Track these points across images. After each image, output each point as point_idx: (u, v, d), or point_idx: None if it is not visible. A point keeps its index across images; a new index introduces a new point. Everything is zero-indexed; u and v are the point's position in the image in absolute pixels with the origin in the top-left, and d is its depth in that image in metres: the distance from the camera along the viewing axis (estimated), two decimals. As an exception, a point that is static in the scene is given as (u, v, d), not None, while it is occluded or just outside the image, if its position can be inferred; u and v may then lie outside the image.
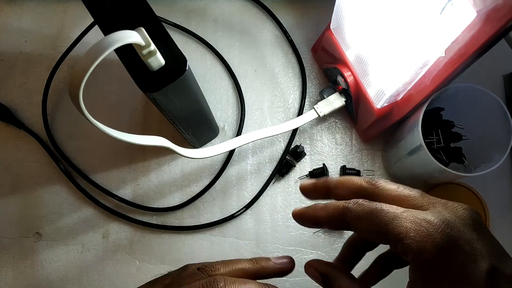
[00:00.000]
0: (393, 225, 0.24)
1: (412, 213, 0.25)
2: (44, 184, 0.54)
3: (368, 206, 0.26)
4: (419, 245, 0.23)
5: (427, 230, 0.23)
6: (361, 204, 0.26)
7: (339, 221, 0.27)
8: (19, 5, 0.60)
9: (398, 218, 0.24)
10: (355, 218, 0.26)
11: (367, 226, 0.26)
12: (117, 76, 0.57)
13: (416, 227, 0.24)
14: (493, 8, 0.29)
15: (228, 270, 0.31)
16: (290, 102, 0.56)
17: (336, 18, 0.46)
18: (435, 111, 0.49)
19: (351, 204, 0.27)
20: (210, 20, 0.59)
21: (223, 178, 0.54)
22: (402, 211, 0.25)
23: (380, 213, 0.25)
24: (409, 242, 0.23)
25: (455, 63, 0.35)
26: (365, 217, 0.26)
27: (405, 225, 0.24)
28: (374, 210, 0.26)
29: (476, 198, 0.50)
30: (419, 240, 0.23)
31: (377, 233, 0.25)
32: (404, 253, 0.24)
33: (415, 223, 0.24)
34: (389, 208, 0.25)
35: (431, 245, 0.23)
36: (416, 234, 0.23)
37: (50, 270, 0.52)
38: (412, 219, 0.24)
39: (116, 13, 0.35)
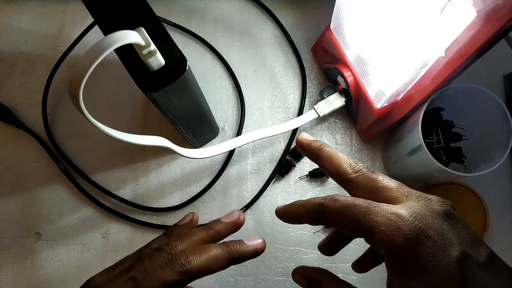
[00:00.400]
0: (365, 220, 0.25)
1: (383, 207, 0.25)
2: (44, 184, 0.54)
3: (343, 201, 0.27)
4: (390, 238, 0.24)
5: (396, 224, 0.24)
6: (336, 199, 0.27)
7: (317, 217, 0.28)
8: (19, 5, 0.60)
9: (370, 212, 0.25)
10: (331, 213, 0.27)
11: (343, 221, 0.26)
12: (117, 76, 0.57)
13: (386, 221, 0.24)
14: (493, 8, 0.29)
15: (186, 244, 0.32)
16: (290, 102, 0.56)
17: (336, 18, 0.46)
18: (435, 111, 0.49)
19: (327, 200, 0.28)
20: (210, 20, 0.59)
21: (223, 178, 0.54)
22: (374, 206, 0.25)
23: (354, 208, 0.26)
24: (380, 236, 0.24)
25: (455, 63, 0.35)
26: (340, 212, 0.26)
27: (375, 219, 0.24)
28: (348, 206, 0.26)
29: (476, 198, 0.50)
30: (389, 234, 0.24)
31: (352, 228, 0.26)
32: (378, 247, 0.25)
33: (385, 217, 0.24)
34: (362, 202, 0.26)
35: (401, 238, 0.23)
36: (386, 228, 0.24)
37: (50, 270, 0.52)
38: (383, 213, 0.25)
39: (116, 13, 0.35)
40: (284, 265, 0.52)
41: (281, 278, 0.51)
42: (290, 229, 0.53)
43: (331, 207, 0.27)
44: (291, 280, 0.51)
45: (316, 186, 0.54)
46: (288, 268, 0.51)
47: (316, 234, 0.52)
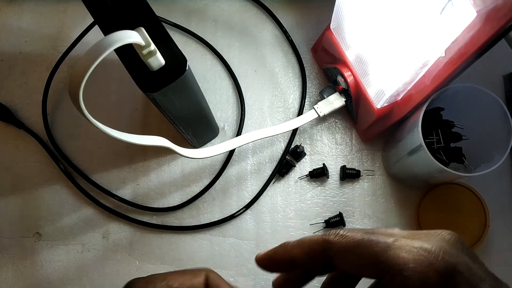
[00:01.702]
0: (387, 256, 0.22)
1: (406, 242, 0.22)
2: (44, 184, 0.54)
3: (353, 237, 0.23)
4: (421, 276, 0.21)
5: (428, 259, 0.21)
6: (345, 235, 0.23)
7: (319, 256, 0.24)
8: (19, 5, 0.60)
9: (392, 248, 0.22)
10: (339, 251, 0.23)
11: (356, 259, 0.23)
12: (117, 76, 0.57)
13: (415, 257, 0.22)
14: (493, 8, 0.29)
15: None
16: (290, 102, 0.56)
17: (336, 18, 0.46)
18: (435, 111, 0.49)
19: (332, 236, 0.24)
20: (210, 20, 0.59)
21: (223, 178, 0.54)
22: (393, 240, 0.22)
23: (370, 243, 0.23)
24: (409, 274, 0.21)
25: (455, 63, 0.35)
26: (352, 249, 0.23)
27: (401, 256, 0.22)
28: (362, 241, 0.23)
29: (476, 198, 0.50)
30: (421, 271, 0.21)
31: (368, 266, 0.22)
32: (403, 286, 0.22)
33: (412, 252, 0.22)
34: (379, 237, 0.23)
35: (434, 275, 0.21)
36: (416, 265, 0.21)
37: (50, 270, 0.52)
38: (408, 249, 0.22)
39: (116, 13, 0.35)
40: (284, 265, 0.52)
41: (281, 278, 0.51)
42: (290, 229, 0.53)
43: (340, 243, 0.23)
44: (291, 280, 0.51)
45: (316, 186, 0.54)
46: (288, 268, 0.51)
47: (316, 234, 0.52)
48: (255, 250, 0.52)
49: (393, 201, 0.53)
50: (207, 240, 0.53)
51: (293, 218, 0.53)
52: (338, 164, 0.54)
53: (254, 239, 0.52)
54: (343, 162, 0.54)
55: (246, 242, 0.52)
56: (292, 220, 0.53)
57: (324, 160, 0.54)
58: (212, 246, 0.52)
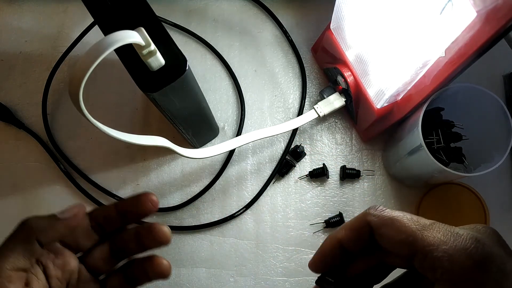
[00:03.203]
0: (422, 235, 0.22)
1: (443, 226, 0.23)
2: (44, 184, 0.54)
3: (392, 212, 0.24)
4: (453, 259, 0.21)
5: (463, 244, 0.22)
6: (385, 210, 0.25)
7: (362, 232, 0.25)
8: (19, 5, 0.60)
9: (428, 228, 0.23)
10: (380, 223, 0.24)
11: (394, 233, 0.24)
12: (117, 76, 0.57)
13: (449, 240, 0.22)
14: (493, 8, 0.29)
15: None
16: (290, 102, 0.56)
17: (336, 18, 0.46)
18: (435, 111, 0.49)
19: (373, 210, 0.25)
20: (210, 20, 0.59)
21: (223, 178, 0.54)
22: (431, 222, 0.23)
23: (409, 221, 0.23)
24: (440, 256, 0.22)
25: (455, 63, 0.35)
26: (392, 223, 0.24)
27: (437, 236, 0.22)
28: (402, 217, 0.24)
29: (476, 198, 0.50)
30: (453, 254, 0.21)
31: (403, 242, 0.23)
32: (432, 268, 0.22)
33: (447, 236, 0.22)
34: (417, 217, 0.24)
35: (467, 260, 0.21)
36: (448, 247, 0.22)
37: (50, 270, 0.52)
38: (444, 232, 0.22)
39: (116, 13, 0.35)
40: (284, 265, 0.52)
41: (281, 278, 0.51)
42: (290, 229, 0.53)
43: (380, 216, 0.24)
44: (291, 280, 0.51)
45: (316, 186, 0.54)
46: (288, 268, 0.51)
47: (316, 234, 0.52)
48: (255, 250, 0.52)
49: (393, 201, 0.53)
50: (207, 240, 0.53)
51: (293, 218, 0.53)
52: (338, 164, 0.54)
53: (254, 239, 0.52)
54: (343, 162, 0.54)
55: (246, 242, 0.52)
56: (292, 220, 0.53)
57: (324, 160, 0.54)
58: (212, 246, 0.52)
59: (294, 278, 0.51)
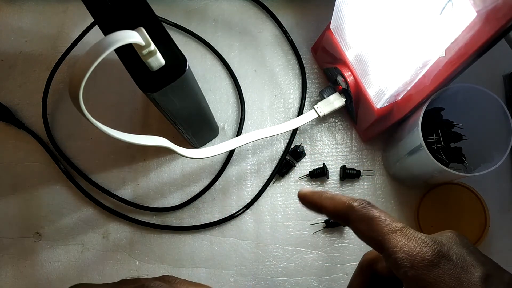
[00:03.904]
0: (389, 237, 0.26)
1: (411, 232, 0.26)
2: (44, 184, 0.54)
3: (371, 212, 0.27)
4: (412, 259, 0.24)
5: (419, 246, 0.25)
6: (366, 207, 0.28)
7: (341, 216, 0.29)
8: (19, 5, 0.60)
9: (396, 232, 0.26)
10: (357, 218, 0.28)
11: (366, 230, 0.27)
12: (117, 76, 0.57)
13: (410, 243, 0.25)
14: (493, 8, 0.29)
15: None
16: (290, 102, 0.56)
17: (336, 18, 0.46)
18: (435, 111, 0.49)
19: (357, 203, 0.28)
20: (210, 20, 0.59)
21: (223, 178, 0.54)
22: (401, 226, 0.26)
23: (382, 222, 0.27)
24: (401, 257, 0.25)
25: (455, 63, 0.35)
26: (366, 220, 0.27)
27: (400, 240, 0.25)
28: (377, 217, 0.27)
29: (476, 198, 0.50)
30: (412, 255, 0.24)
31: (372, 239, 0.27)
32: (396, 267, 0.25)
33: (409, 239, 0.25)
34: (390, 220, 0.27)
35: (422, 259, 0.24)
36: (409, 249, 0.25)
37: (50, 270, 0.52)
38: (409, 237, 0.25)
39: (116, 13, 0.35)
40: (284, 265, 0.52)
41: (281, 278, 0.51)
42: (290, 229, 0.53)
43: (360, 212, 0.27)
44: (291, 280, 0.51)
45: (316, 186, 0.54)
46: (288, 268, 0.51)
47: (316, 234, 0.52)
48: (255, 250, 0.52)
49: (393, 201, 0.53)
50: (207, 240, 0.53)
51: (293, 218, 0.53)
52: (338, 164, 0.54)
53: (254, 239, 0.52)
54: (343, 162, 0.54)
55: (246, 242, 0.52)
56: (292, 220, 0.53)
57: (324, 160, 0.54)
58: (212, 246, 0.52)
59: (294, 278, 0.51)
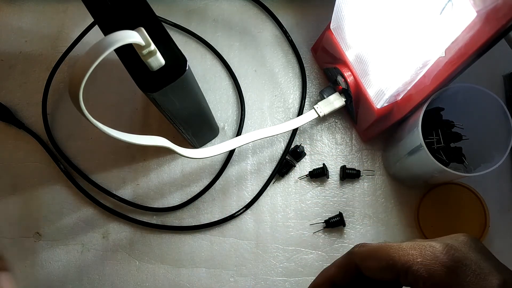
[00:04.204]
0: (399, 256, 0.25)
1: (417, 242, 0.25)
2: (44, 184, 0.54)
3: (372, 245, 0.27)
4: (428, 268, 0.23)
5: (433, 254, 0.24)
6: (365, 244, 0.27)
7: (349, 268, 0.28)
8: (19, 5, 0.60)
9: (403, 249, 0.25)
10: (363, 258, 0.27)
11: (376, 263, 0.26)
12: (117, 76, 0.57)
13: (422, 252, 0.24)
14: (493, 8, 0.29)
15: None
16: (290, 102, 0.56)
17: (336, 18, 0.46)
18: (435, 111, 0.49)
19: (356, 248, 0.28)
20: (210, 20, 0.59)
21: (223, 178, 0.54)
22: (406, 243, 0.26)
23: (385, 247, 0.26)
24: (417, 268, 0.24)
25: (455, 63, 0.35)
26: (371, 254, 0.26)
27: (411, 253, 0.24)
28: (380, 247, 0.26)
29: (476, 198, 0.50)
30: (427, 264, 0.24)
31: (386, 268, 0.25)
32: (415, 281, 0.24)
33: (420, 249, 0.24)
34: (393, 243, 0.26)
35: (439, 267, 0.23)
36: (423, 259, 0.24)
37: (50, 270, 0.52)
38: (417, 247, 0.25)
39: (116, 13, 0.35)
40: (284, 265, 0.52)
41: (281, 278, 0.51)
42: (290, 229, 0.53)
43: (361, 251, 0.27)
44: (291, 280, 0.51)
45: (316, 186, 0.54)
46: (288, 268, 0.51)
47: (316, 234, 0.52)
48: (255, 250, 0.52)
49: (393, 201, 0.53)
50: (207, 240, 0.53)
51: (293, 218, 0.53)
52: (338, 164, 0.54)
53: (254, 239, 0.52)
54: (343, 162, 0.54)
55: (246, 242, 0.52)
56: (292, 220, 0.53)
57: (324, 160, 0.54)
58: (212, 246, 0.52)
59: (294, 278, 0.51)
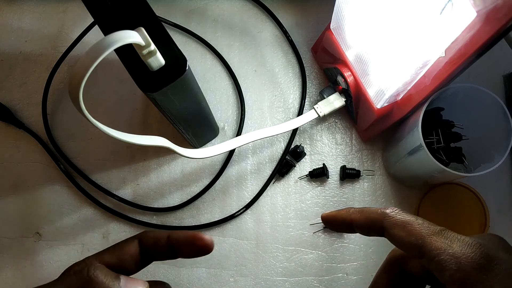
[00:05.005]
0: (431, 240, 0.25)
1: (452, 233, 0.25)
2: (44, 184, 0.54)
3: (407, 217, 0.26)
4: (458, 261, 0.23)
5: (465, 248, 0.24)
6: (400, 212, 0.27)
7: (375, 226, 0.27)
8: (19, 5, 0.60)
9: (436, 234, 0.25)
10: (393, 225, 0.26)
11: (404, 235, 0.26)
12: (117, 76, 0.57)
13: (454, 244, 0.24)
14: (493, 8, 0.29)
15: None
16: (290, 102, 0.56)
17: (336, 18, 0.46)
18: (435, 111, 0.49)
19: (389, 210, 0.27)
20: (210, 20, 0.59)
21: (223, 178, 0.54)
22: (440, 229, 0.25)
23: (420, 225, 0.26)
24: (446, 258, 0.24)
25: (455, 63, 0.35)
26: (403, 225, 0.26)
27: (443, 241, 0.24)
28: (414, 221, 0.26)
29: (476, 198, 0.50)
30: (459, 257, 0.23)
31: (412, 244, 0.25)
32: (440, 270, 0.24)
33: (452, 241, 0.24)
34: (428, 224, 0.26)
35: (470, 262, 0.23)
36: (454, 252, 0.24)
37: (50, 270, 0.52)
38: (451, 238, 0.25)
39: (116, 13, 0.35)
40: (284, 265, 0.52)
41: (281, 278, 0.51)
42: (290, 229, 0.53)
43: (394, 218, 0.26)
44: (291, 280, 0.51)
45: (316, 186, 0.54)
46: (288, 268, 0.51)
47: (316, 234, 0.52)
48: (255, 250, 0.52)
49: (393, 201, 0.53)
50: (207, 240, 0.53)
51: (293, 218, 0.53)
52: (338, 164, 0.54)
53: (254, 239, 0.52)
54: (343, 162, 0.54)
55: (246, 242, 0.52)
56: (292, 220, 0.53)
57: (324, 160, 0.54)
58: (212, 246, 0.52)
59: (294, 278, 0.51)
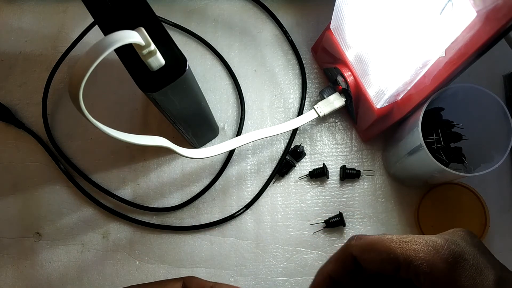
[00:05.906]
0: (401, 249, 0.25)
1: (418, 237, 0.25)
2: (44, 184, 0.54)
3: (371, 237, 0.26)
4: (430, 263, 0.24)
5: (435, 249, 0.24)
6: (362, 236, 0.27)
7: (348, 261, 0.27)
8: (19, 5, 0.60)
9: (405, 242, 0.25)
10: (361, 251, 0.27)
11: (376, 255, 0.26)
12: (117, 76, 0.57)
13: (424, 247, 0.24)
14: (493, 8, 0.29)
15: None
16: (290, 102, 0.56)
17: (336, 18, 0.46)
18: (435, 111, 0.49)
19: (352, 240, 0.27)
20: (210, 20, 0.59)
21: (223, 178, 0.54)
22: (406, 237, 0.26)
23: (386, 241, 0.26)
24: (419, 263, 0.24)
25: (455, 63, 0.35)
26: (371, 247, 0.26)
27: (413, 247, 0.25)
28: (379, 239, 0.26)
29: (476, 198, 0.50)
30: (429, 259, 0.24)
31: (387, 260, 0.25)
32: (416, 275, 0.24)
33: (421, 244, 0.25)
34: (392, 236, 0.26)
35: (440, 261, 0.24)
36: (425, 254, 0.24)
37: (50, 270, 0.52)
38: (419, 242, 0.25)
39: (116, 13, 0.35)
40: (284, 265, 0.52)
41: (281, 278, 0.51)
42: (290, 229, 0.53)
43: (359, 244, 0.27)
44: (291, 280, 0.51)
45: (316, 186, 0.54)
46: (288, 268, 0.51)
47: (316, 234, 0.52)
48: (255, 250, 0.52)
49: (393, 201, 0.53)
50: (207, 240, 0.53)
51: (293, 218, 0.53)
52: (338, 164, 0.54)
53: (254, 239, 0.52)
54: (343, 162, 0.54)
55: (246, 242, 0.52)
56: (292, 220, 0.53)
57: (324, 160, 0.54)
58: (212, 246, 0.52)
59: (294, 278, 0.51)
